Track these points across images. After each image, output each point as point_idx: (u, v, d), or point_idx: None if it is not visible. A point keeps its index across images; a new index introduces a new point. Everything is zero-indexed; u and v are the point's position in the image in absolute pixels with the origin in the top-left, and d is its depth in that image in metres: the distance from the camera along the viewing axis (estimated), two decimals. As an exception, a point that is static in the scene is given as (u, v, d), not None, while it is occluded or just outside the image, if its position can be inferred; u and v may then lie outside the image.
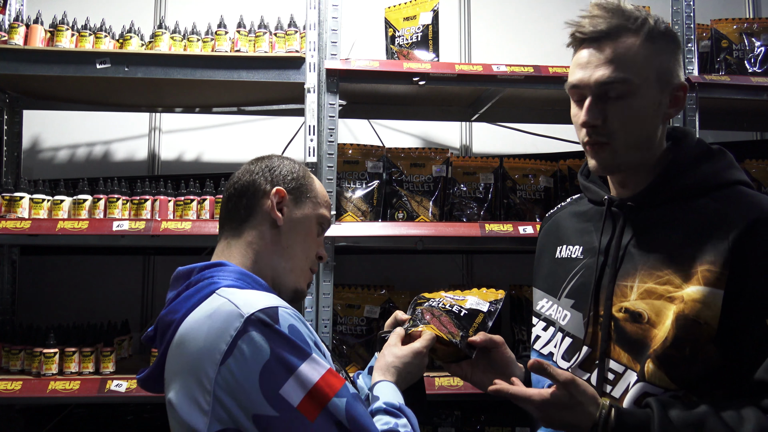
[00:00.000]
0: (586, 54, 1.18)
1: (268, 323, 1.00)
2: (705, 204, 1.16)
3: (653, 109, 1.17)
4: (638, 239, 1.20)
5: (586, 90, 1.18)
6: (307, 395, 0.97)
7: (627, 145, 1.17)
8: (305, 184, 1.27)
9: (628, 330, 1.15)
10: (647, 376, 1.11)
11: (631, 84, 1.14)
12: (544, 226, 1.47)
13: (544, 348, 1.32)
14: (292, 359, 0.98)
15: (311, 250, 1.26)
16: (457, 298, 1.41)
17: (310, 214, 1.25)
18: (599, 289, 1.21)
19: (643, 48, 1.15)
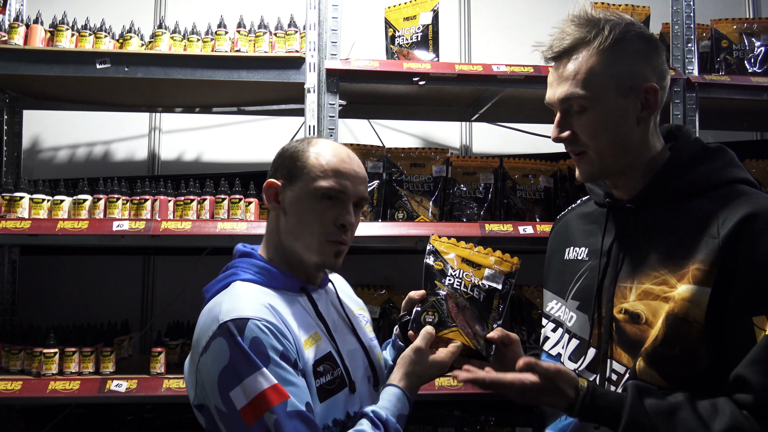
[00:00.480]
0: (551, 74, 1.24)
1: (233, 333, 1.14)
2: (700, 204, 1.16)
3: (619, 116, 1.19)
4: (638, 240, 1.21)
5: (554, 106, 1.23)
6: (248, 403, 1.12)
7: (600, 153, 1.21)
8: (298, 164, 1.31)
9: (628, 331, 1.16)
10: (638, 373, 1.12)
11: (587, 98, 1.18)
12: (555, 227, 1.48)
13: (552, 349, 1.33)
14: (242, 370, 1.13)
15: (321, 224, 1.27)
16: (475, 266, 1.39)
17: (305, 191, 1.28)
18: (602, 290, 1.22)
19: (596, 59, 1.18)
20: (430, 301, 1.35)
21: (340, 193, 1.28)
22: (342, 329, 1.36)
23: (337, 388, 1.25)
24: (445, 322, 1.31)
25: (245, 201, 2.26)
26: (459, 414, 2.46)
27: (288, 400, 1.12)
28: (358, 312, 1.50)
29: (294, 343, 1.20)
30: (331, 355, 1.27)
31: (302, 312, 1.28)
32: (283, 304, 1.25)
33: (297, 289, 1.31)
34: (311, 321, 1.29)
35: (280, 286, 1.29)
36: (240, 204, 2.25)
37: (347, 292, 1.54)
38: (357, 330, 1.40)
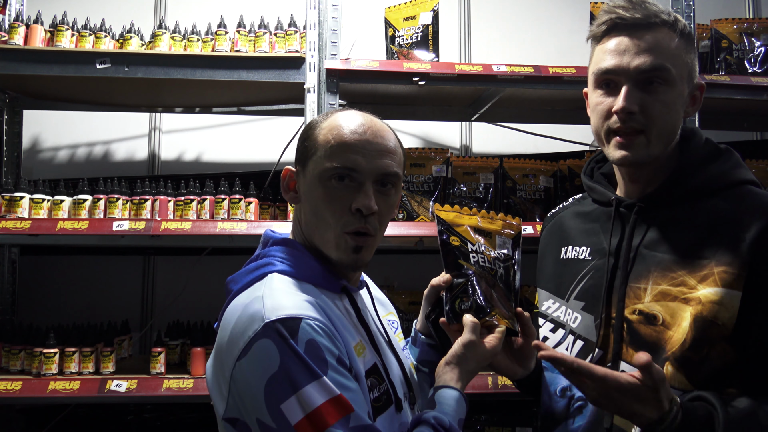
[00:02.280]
0: (624, 41, 1.17)
1: (284, 335, 0.96)
2: (715, 204, 1.16)
3: (682, 103, 1.19)
4: (649, 240, 1.19)
5: (622, 76, 1.16)
6: (306, 417, 0.94)
7: (659, 134, 1.17)
8: (307, 144, 1.13)
9: (642, 332, 1.15)
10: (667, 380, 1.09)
11: (670, 74, 1.15)
12: (546, 225, 1.46)
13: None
14: (298, 377, 0.95)
15: (334, 212, 1.08)
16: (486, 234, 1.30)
17: (314, 175, 1.09)
18: (611, 291, 1.20)
19: (678, 42, 1.17)
20: (460, 285, 1.22)
21: (351, 171, 1.07)
22: (380, 339, 1.18)
23: (383, 406, 1.07)
24: (483, 307, 1.20)
25: (245, 201, 2.26)
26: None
27: (353, 414, 0.96)
28: (389, 317, 1.34)
29: (345, 348, 1.03)
30: (377, 367, 1.10)
31: (343, 316, 1.10)
32: (328, 305, 1.07)
33: (338, 289, 1.13)
34: (354, 327, 1.11)
35: (321, 284, 1.10)
36: (240, 204, 2.25)
37: (377, 295, 1.35)
38: (392, 341, 1.23)
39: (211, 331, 2.34)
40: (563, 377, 1.25)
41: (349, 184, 1.08)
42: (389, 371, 1.13)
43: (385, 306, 1.37)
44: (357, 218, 1.08)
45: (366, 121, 1.12)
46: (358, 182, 1.08)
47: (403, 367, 1.21)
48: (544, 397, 1.32)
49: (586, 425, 1.20)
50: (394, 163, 1.12)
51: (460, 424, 1.07)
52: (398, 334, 1.33)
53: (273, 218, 2.35)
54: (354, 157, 1.07)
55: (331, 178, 1.08)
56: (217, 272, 2.94)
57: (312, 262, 1.11)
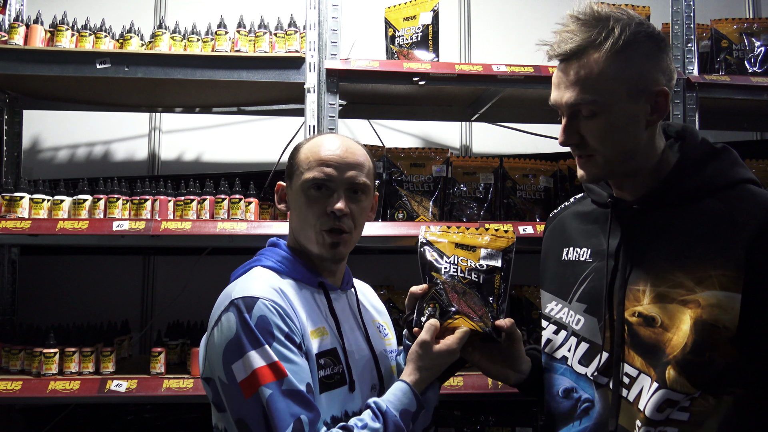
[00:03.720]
0: (557, 74, 1.20)
1: (242, 309, 1.20)
2: (711, 205, 1.15)
3: (629, 121, 1.16)
4: (647, 242, 1.19)
5: (560, 109, 1.20)
6: (247, 377, 1.16)
7: (608, 158, 1.18)
8: (293, 162, 1.38)
9: (642, 334, 1.15)
10: (669, 383, 1.10)
11: (597, 104, 1.14)
12: (549, 226, 1.46)
13: (556, 352, 1.31)
14: (245, 344, 1.18)
15: (314, 214, 1.31)
16: (469, 248, 1.37)
17: (297, 186, 1.34)
18: (612, 293, 1.20)
19: (607, 64, 1.13)
20: (430, 293, 1.33)
21: (327, 182, 1.31)
22: (354, 334, 1.37)
23: (335, 384, 1.26)
24: (447, 311, 1.30)
25: (245, 201, 2.26)
26: (459, 414, 2.45)
27: (285, 378, 1.16)
28: (379, 322, 1.50)
29: (300, 329, 1.23)
30: (335, 351, 1.28)
31: (315, 306, 1.32)
32: (296, 293, 1.29)
33: (315, 284, 1.34)
34: (322, 316, 1.31)
35: (300, 278, 1.33)
36: (240, 204, 2.25)
37: (372, 302, 1.55)
38: (371, 338, 1.40)
39: (211, 331, 2.35)
40: (565, 378, 1.25)
41: (325, 192, 1.32)
42: (350, 358, 1.31)
43: (379, 312, 1.55)
44: (332, 219, 1.31)
45: (340, 141, 1.37)
46: (332, 190, 1.32)
47: (377, 361, 1.38)
48: (547, 398, 1.32)
49: (593, 426, 1.20)
50: (363, 174, 1.35)
51: (405, 415, 1.22)
52: (386, 339, 1.48)
53: (273, 218, 2.35)
54: (328, 170, 1.31)
55: (310, 188, 1.31)
56: (217, 272, 2.93)
57: (293, 260, 1.35)
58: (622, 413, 1.16)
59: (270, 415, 1.14)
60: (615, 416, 1.16)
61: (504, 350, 1.33)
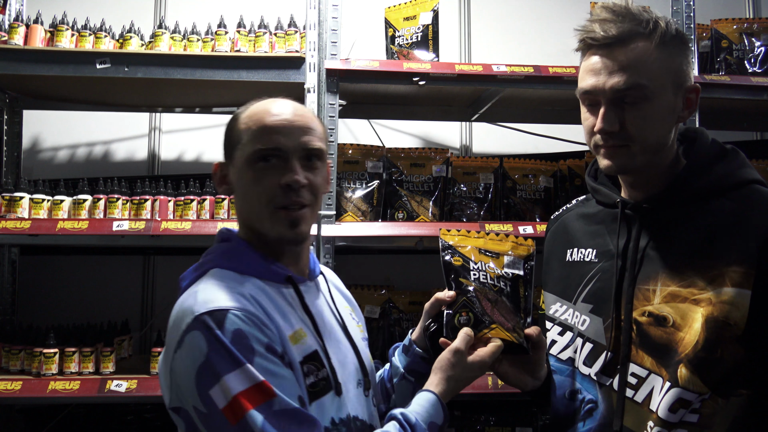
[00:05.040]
0: (599, 60, 1.16)
1: (211, 326, 1.03)
2: (722, 204, 1.16)
3: (668, 113, 1.17)
4: (656, 242, 1.19)
5: (599, 96, 1.16)
6: (229, 403, 1.00)
7: (644, 148, 1.17)
8: (232, 135, 1.19)
9: (652, 334, 1.15)
10: (682, 382, 1.10)
11: (647, 89, 1.14)
12: (551, 228, 1.45)
13: (562, 353, 1.30)
14: (221, 366, 1.01)
15: (265, 191, 1.13)
16: (494, 255, 1.32)
17: (240, 162, 1.15)
18: (620, 293, 1.20)
19: (656, 53, 1.14)
20: (460, 300, 1.24)
21: (275, 151, 1.13)
22: (331, 326, 1.23)
23: (322, 391, 1.12)
24: (482, 320, 1.22)
25: (245, 201, 2.25)
26: (459, 414, 2.45)
27: (275, 399, 1.01)
28: (349, 309, 1.38)
29: (279, 337, 1.08)
30: (317, 354, 1.14)
31: (286, 305, 1.15)
32: (265, 295, 1.12)
33: (282, 279, 1.17)
34: (296, 315, 1.16)
35: (263, 275, 1.16)
36: (240, 204, 2.24)
37: (339, 288, 1.42)
38: (348, 328, 1.27)
39: (211, 331, 2.34)
40: (571, 380, 1.25)
41: (276, 163, 1.13)
42: (333, 357, 1.17)
43: (347, 298, 1.42)
44: (286, 193, 1.13)
45: (283, 104, 1.19)
46: (284, 160, 1.14)
47: (359, 355, 1.25)
48: (553, 400, 1.32)
49: (596, 428, 1.20)
50: (316, 138, 1.17)
51: (432, 428, 1.12)
52: (359, 326, 1.36)
53: (273, 218, 2.35)
54: (276, 138, 1.13)
55: (258, 160, 1.13)
56: (217, 272, 2.94)
57: (253, 255, 1.17)
58: (628, 414, 1.16)
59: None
60: (620, 417, 1.16)
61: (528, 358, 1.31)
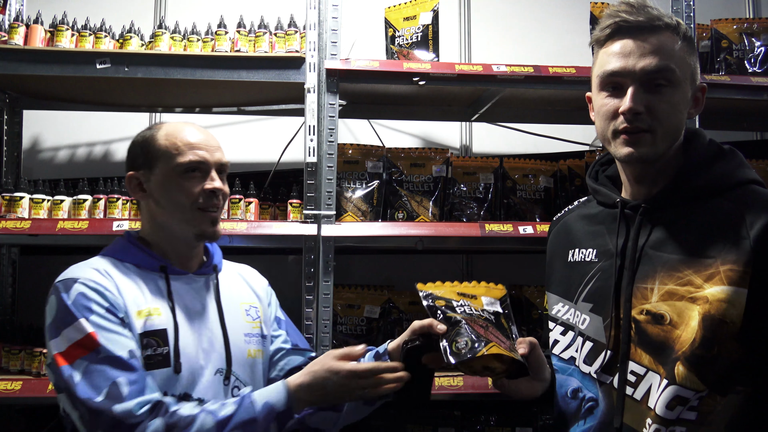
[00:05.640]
0: (629, 44, 1.19)
1: (59, 290, 1.29)
2: (720, 204, 1.17)
3: (685, 105, 1.21)
4: (654, 241, 1.20)
5: (628, 78, 1.18)
6: (64, 351, 1.24)
7: (665, 134, 1.18)
8: (150, 149, 1.41)
9: (650, 332, 1.16)
10: (679, 380, 1.11)
11: (675, 74, 1.17)
12: (553, 229, 1.46)
13: (564, 352, 1.31)
14: (62, 321, 1.26)
15: (190, 196, 1.37)
16: (471, 296, 1.36)
17: (167, 171, 1.38)
18: (619, 292, 1.21)
19: (681, 45, 1.20)
20: (453, 330, 1.25)
21: (201, 164, 1.38)
22: (202, 317, 1.40)
23: (157, 365, 1.29)
24: (478, 341, 1.22)
25: (245, 201, 2.26)
26: (459, 414, 2.46)
27: (99, 347, 1.23)
28: (250, 305, 1.52)
29: (124, 308, 1.29)
30: (163, 332, 1.32)
31: (150, 288, 1.36)
32: (126, 276, 1.34)
33: (156, 267, 1.39)
34: (158, 298, 1.35)
35: (139, 263, 1.38)
36: (240, 204, 2.25)
37: (250, 284, 1.57)
38: (227, 321, 1.42)
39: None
40: (573, 379, 1.25)
41: (199, 173, 1.39)
42: (188, 341, 1.34)
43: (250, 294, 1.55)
44: (209, 198, 1.38)
45: (198, 127, 1.45)
46: (205, 171, 1.39)
47: (228, 346, 1.40)
48: (556, 399, 1.32)
49: (597, 425, 1.21)
50: (224, 155, 1.45)
51: (266, 407, 1.24)
52: (254, 322, 1.50)
53: (273, 218, 2.36)
54: (201, 153, 1.39)
55: (186, 171, 1.37)
56: (217, 272, 2.94)
57: (133, 248, 1.41)
58: (628, 412, 1.17)
59: (86, 384, 1.20)
60: (620, 414, 1.17)
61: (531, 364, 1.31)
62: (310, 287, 2.21)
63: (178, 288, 1.39)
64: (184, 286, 1.41)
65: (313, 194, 2.24)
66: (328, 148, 2.26)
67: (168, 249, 1.42)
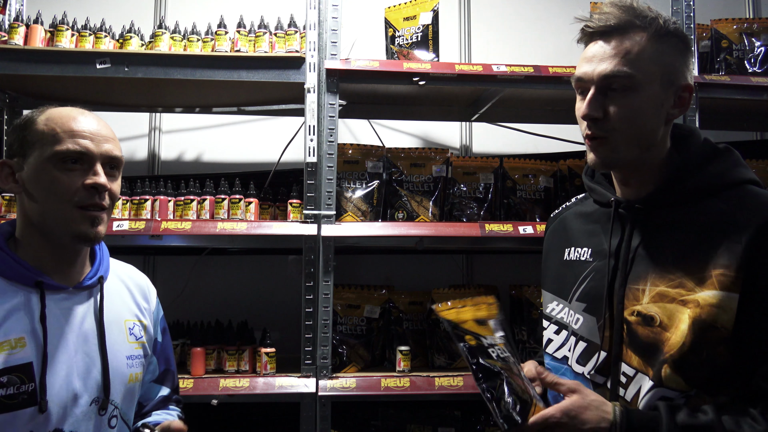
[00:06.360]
0: (594, 48, 1.19)
1: None
2: (714, 205, 1.15)
3: (655, 106, 1.17)
4: (648, 242, 1.19)
5: (589, 83, 1.18)
6: None
7: (626, 140, 1.17)
8: (27, 135, 1.20)
9: (640, 333, 1.15)
10: (664, 381, 1.10)
11: (634, 79, 1.14)
12: (550, 226, 1.45)
13: (557, 352, 1.31)
14: None
15: (68, 190, 1.17)
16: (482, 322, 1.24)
17: (42, 161, 1.18)
18: (612, 292, 1.20)
19: (649, 45, 1.16)
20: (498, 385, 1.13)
21: (82, 155, 1.18)
22: (78, 339, 1.21)
23: (18, 405, 1.10)
24: (526, 401, 1.13)
25: (245, 201, 2.26)
26: (459, 414, 2.46)
27: None
28: (132, 323, 1.34)
29: None
30: (27, 367, 1.12)
31: (19, 311, 1.15)
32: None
33: (31, 282, 1.17)
34: (25, 324, 1.14)
35: (8, 275, 1.16)
36: (240, 204, 2.25)
37: (135, 297, 1.38)
38: (107, 344, 1.24)
39: (211, 331, 2.34)
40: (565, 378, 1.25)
41: (81, 166, 1.19)
42: (58, 373, 1.15)
43: (139, 308, 1.38)
44: (91, 194, 1.18)
45: (85, 113, 1.24)
46: (89, 164, 1.19)
47: (107, 372, 1.22)
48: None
49: None
50: (117, 148, 1.24)
51: None
52: (137, 342, 1.33)
53: (273, 218, 2.36)
54: (84, 142, 1.19)
55: (64, 161, 1.17)
56: (217, 272, 2.94)
57: (4, 256, 1.18)
58: None
59: None
60: None
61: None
62: (310, 287, 2.21)
63: (53, 308, 1.18)
64: (60, 303, 1.20)
65: (313, 194, 2.24)
66: (328, 148, 2.26)
67: (43, 255, 1.20)
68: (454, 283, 2.68)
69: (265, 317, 2.61)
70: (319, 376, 2.18)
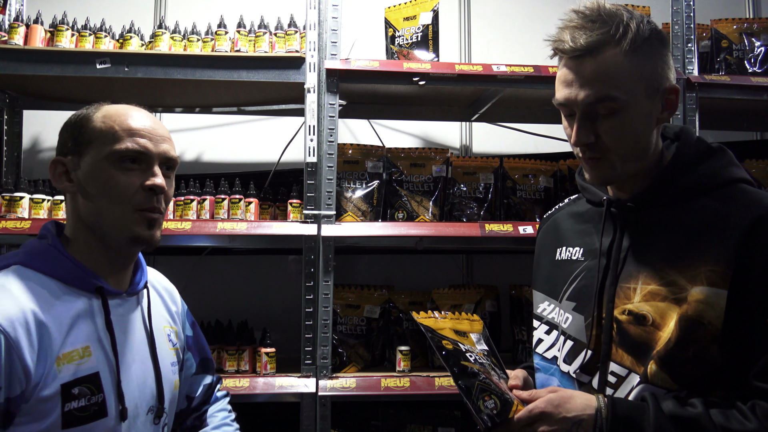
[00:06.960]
0: (565, 72, 1.14)
1: None
2: (705, 203, 1.15)
3: (645, 119, 1.15)
4: (639, 241, 1.19)
5: (573, 107, 1.15)
6: None
7: (622, 157, 1.16)
8: (82, 133, 1.17)
9: (632, 332, 1.14)
10: (650, 377, 1.10)
11: (618, 101, 1.11)
12: (542, 227, 1.45)
13: (547, 352, 1.30)
14: None
15: (127, 191, 1.13)
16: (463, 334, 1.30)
17: (99, 160, 1.14)
18: (602, 291, 1.20)
19: (627, 60, 1.11)
20: (476, 385, 1.16)
21: (141, 154, 1.14)
22: (137, 349, 1.19)
23: (90, 417, 1.06)
24: (506, 400, 1.15)
25: (245, 201, 2.26)
26: (459, 414, 2.46)
27: None
28: (170, 329, 1.32)
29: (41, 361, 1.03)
30: (95, 377, 1.08)
31: (84, 319, 1.10)
32: (56, 303, 1.08)
33: (91, 288, 1.13)
34: (89, 332, 1.10)
35: (71, 282, 1.11)
36: (240, 204, 2.25)
37: (167, 302, 1.37)
38: (158, 351, 1.23)
39: (211, 331, 2.34)
40: (554, 378, 1.24)
41: (139, 166, 1.15)
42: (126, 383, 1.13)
43: (172, 315, 1.37)
44: (149, 197, 1.14)
45: (143, 111, 1.20)
46: (147, 164, 1.15)
47: (160, 381, 1.21)
48: None
49: None
50: (173, 149, 1.20)
51: None
52: (174, 349, 1.32)
53: (273, 218, 2.36)
54: (143, 141, 1.14)
55: (123, 160, 1.14)
56: (217, 272, 2.94)
57: (63, 259, 1.13)
58: None
59: None
60: None
61: None
62: (310, 287, 2.21)
63: (115, 314, 1.15)
64: (116, 310, 1.16)
65: (313, 194, 2.24)
66: (328, 148, 2.26)
67: (99, 258, 1.16)
68: (454, 283, 2.68)
69: (265, 317, 2.61)
70: (319, 376, 2.18)
